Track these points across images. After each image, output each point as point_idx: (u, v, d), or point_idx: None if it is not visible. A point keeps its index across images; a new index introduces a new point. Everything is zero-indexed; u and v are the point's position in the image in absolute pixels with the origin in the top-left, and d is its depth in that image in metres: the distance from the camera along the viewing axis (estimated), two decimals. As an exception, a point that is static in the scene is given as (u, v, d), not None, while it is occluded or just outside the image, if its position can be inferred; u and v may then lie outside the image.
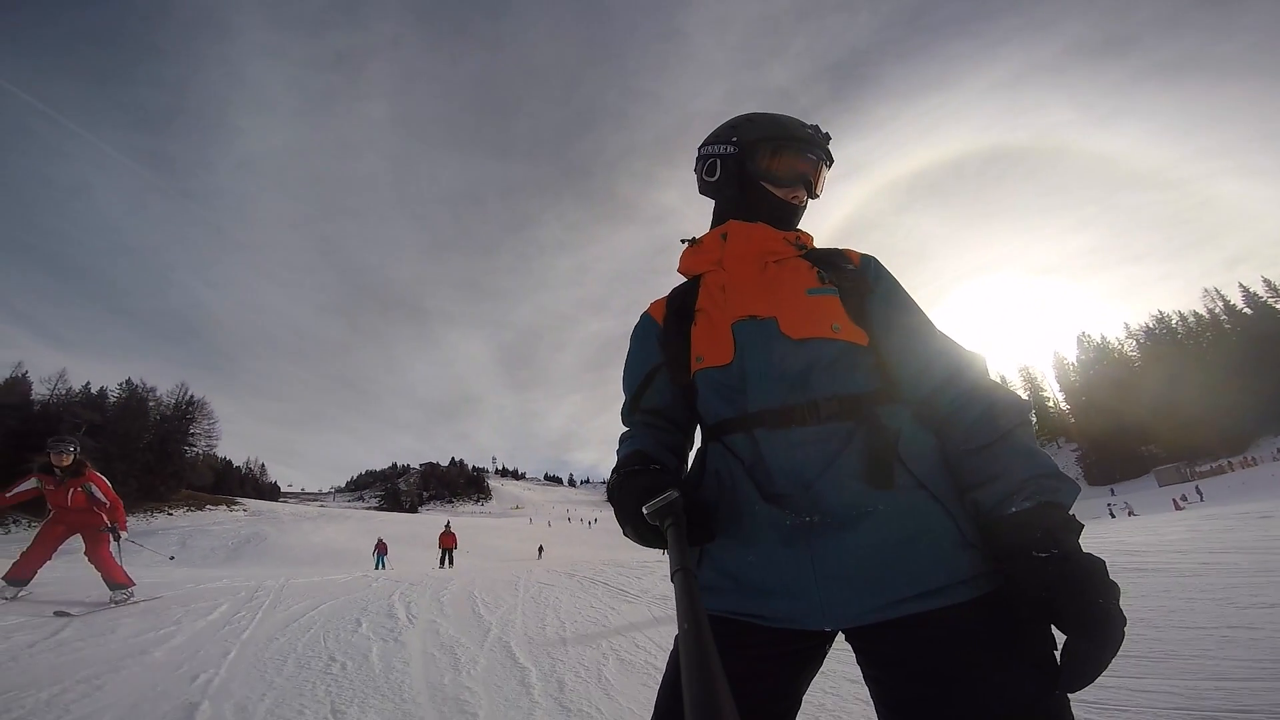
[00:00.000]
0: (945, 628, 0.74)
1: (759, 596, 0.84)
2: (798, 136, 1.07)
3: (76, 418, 56.23)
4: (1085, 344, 78.94)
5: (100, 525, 5.11)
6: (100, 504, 5.15)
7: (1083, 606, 0.67)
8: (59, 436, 5.23)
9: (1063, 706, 0.71)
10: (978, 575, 0.77)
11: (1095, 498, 52.57)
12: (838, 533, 0.80)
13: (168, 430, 67.83)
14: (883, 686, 0.79)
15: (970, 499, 0.82)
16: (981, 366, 0.91)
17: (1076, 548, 0.72)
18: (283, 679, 2.72)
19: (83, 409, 61.15)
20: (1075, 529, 0.73)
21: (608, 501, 0.92)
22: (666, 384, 1.07)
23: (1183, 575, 4.18)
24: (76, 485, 5.06)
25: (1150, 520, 11.06)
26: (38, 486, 5.11)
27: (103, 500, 5.17)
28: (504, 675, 2.88)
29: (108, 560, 4.97)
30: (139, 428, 63.04)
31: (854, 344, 0.92)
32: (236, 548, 36.81)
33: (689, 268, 1.11)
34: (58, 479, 5.04)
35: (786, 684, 0.85)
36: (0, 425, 53.90)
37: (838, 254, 1.03)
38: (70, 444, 5.19)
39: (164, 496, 57.40)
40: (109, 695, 2.38)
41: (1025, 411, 0.84)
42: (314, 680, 2.71)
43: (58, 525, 5.07)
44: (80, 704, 2.26)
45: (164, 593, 5.16)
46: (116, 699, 2.34)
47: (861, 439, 0.85)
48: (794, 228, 1.09)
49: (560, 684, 2.74)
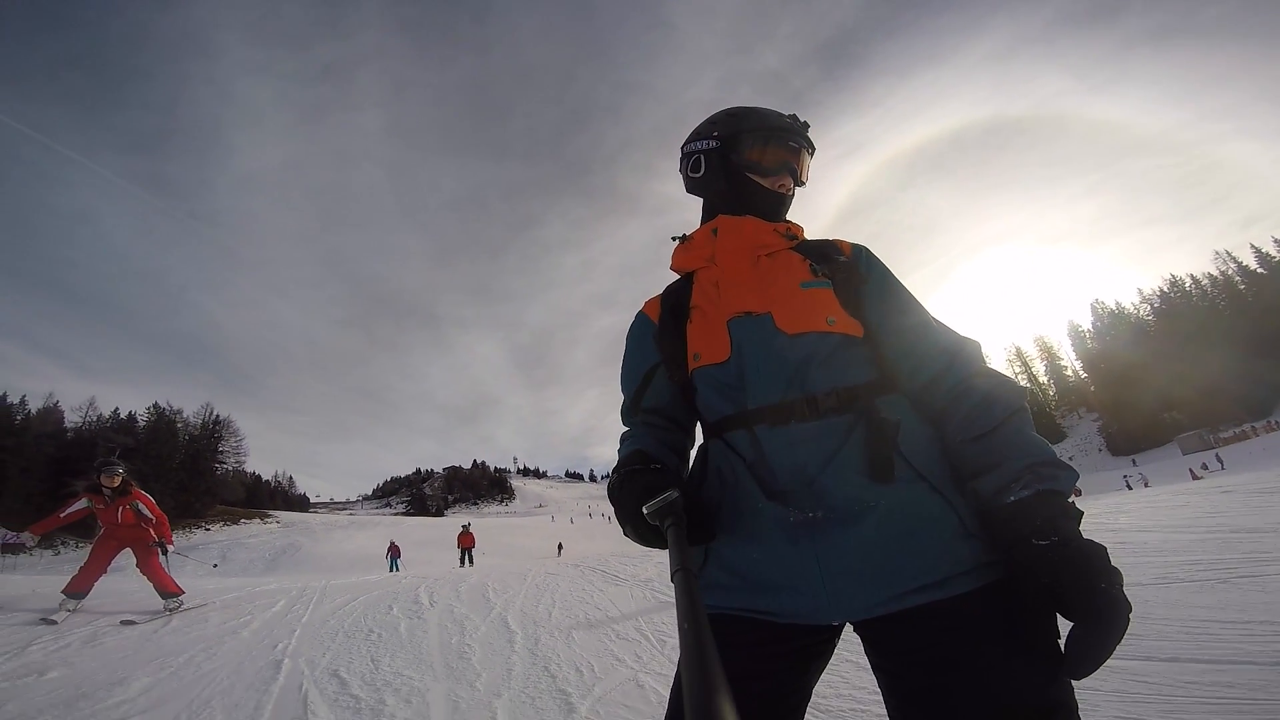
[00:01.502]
0: (950, 618, 0.75)
1: (767, 593, 0.84)
2: (778, 126, 1.09)
3: (110, 442, 58.30)
4: (1100, 311, 77.61)
5: (149, 540, 5.41)
6: (147, 520, 5.45)
7: (1085, 593, 0.68)
8: (106, 460, 5.56)
9: (1067, 693, 0.71)
10: (981, 565, 0.78)
11: (1116, 469, 51.95)
12: (841, 528, 0.81)
13: (197, 449, 70.72)
14: (891, 677, 0.80)
15: (970, 488, 0.83)
16: (977, 354, 0.91)
17: (1076, 534, 0.72)
18: (336, 644, 3.74)
19: (115, 433, 63.91)
20: (1074, 515, 0.74)
21: (609, 501, 0.93)
22: (665, 383, 1.07)
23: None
24: (125, 504, 5.37)
25: (1145, 494, 11.52)
26: (88, 506, 5.40)
27: (149, 516, 5.48)
28: (497, 637, 3.88)
29: (159, 572, 5.31)
30: (170, 449, 65.79)
31: (850, 336, 0.93)
32: (273, 558, 38.58)
33: (681, 265, 1.13)
34: (107, 499, 5.33)
35: (797, 678, 0.86)
36: (39, 453, 57.08)
37: (829, 245, 1.04)
38: (118, 466, 5.50)
39: (199, 513, 60.05)
40: (221, 658, 3.42)
41: (1022, 398, 0.85)
42: (358, 644, 3.73)
43: (110, 541, 5.36)
44: (206, 663, 3.31)
45: (214, 599, 5.67)
46: (227, 660, 3.38)
47: (861, 433, 0.85)
48: (783, 217, 1.11)
49: (536, 641, 3.74)
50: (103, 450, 53.19)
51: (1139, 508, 7.95)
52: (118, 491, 5.38)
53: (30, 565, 26.65)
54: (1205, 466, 34.39)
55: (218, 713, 2.57)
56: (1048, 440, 0.89)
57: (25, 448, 56.72)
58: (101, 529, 5.39)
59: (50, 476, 54.45)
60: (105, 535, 5.36)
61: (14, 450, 55.30)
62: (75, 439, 63.23)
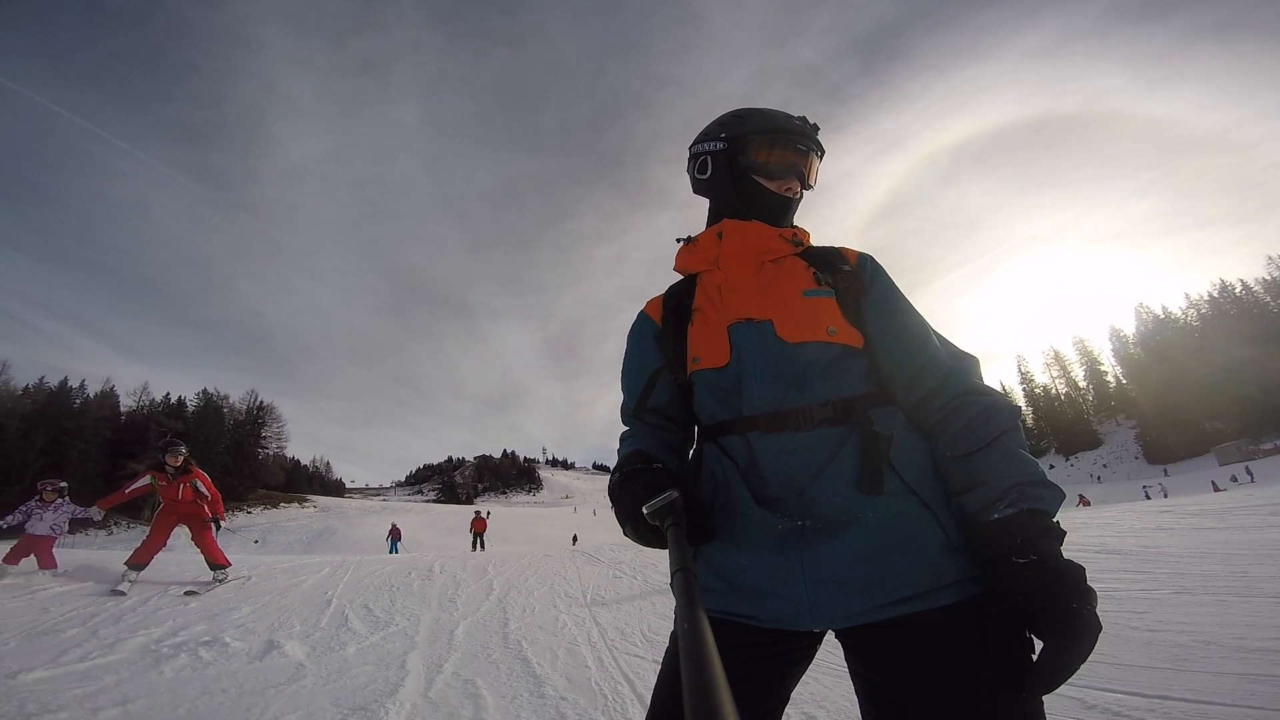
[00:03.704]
0: (930, 630, 0.77)
1: (751, 598, 0.86)
2: (786, 129, 1.08)
3: (162, 426, 61.97)
4: (1143, 315, 74.99)
5: (204, 516, 5.76)
6: (203, 497, 5.80)
7: (1056, 612, 0.69)
8: (171, 440, 5.95)
9: (1036, 710, 0.72)
10: (963, 580, 0.79)
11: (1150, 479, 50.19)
12: (828, 537, 0.82)
13: (242, 434, 73.86)
14: (868, 684, 0.82)
15: (955, 504, 0.84)
16: (974, 370, 0.92)
17: (1056, 554, 0.74)
18: (367, 592, 5.30)
19: (166, 418, 67.33)
20: (1057, 535, 0.75)
21: (610, 501, 0.93)
22: (667, 384, 1.09)
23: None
24: (186, 481, 5.70)
25: (1120, 510, 11.67)
26: (151, 483, 5.72)
27: (206, 494, 5.83)
28: (479, 592, 5.38)
29: (211, 545, 5.64)
30: (216, 433, 68.79)
31: (849, 347, 0.94)
32: (310, 541, 40.83)
33: (685, 267, 1.13)
34: (170, 476, 5.65)
35: (776, 682, 0.89)
36: (97, 436, 60.47)
37: (834, 253, 1.04)
38: (181, 446, 5.87)
39: (242, 496, 62.36)
40: (291, 597, 4.99)
41: (1015, 417, 0.85)
42: (383, 592, 5.29)
43: (169, 516, 5.64)
44: (282, 600, 4.89)
45: (259, 569, 6.34)
46: (295, 599, 4.95)
47: (854, 444, 0.86)
48: (790, 222, 1.11)
49: (506, 594, 5.23)
50: (155, 434, 56.66)
51: (1099, 523, 7.82)
52: (180, 469, 5.73)
53: (88, 542, 29.66)
54: (1234, 479, 33.63)
55: (295, 622, 4.12)
56: (1091, 446, 1.21)
57: (84, 431, 59.85)
58: (161, 504, 5.72)
59: (106, 458, 58.31)
60: (165, 510, 5.67)
61: (74, 433, 58.72)
62: (129, 423, 66.76)
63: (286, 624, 4.06)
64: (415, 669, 3.11)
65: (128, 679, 2.87)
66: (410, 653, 3.41)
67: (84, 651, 3.25)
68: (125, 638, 3.54)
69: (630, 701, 2.62)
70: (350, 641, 3.66)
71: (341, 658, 3.32)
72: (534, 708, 2.58)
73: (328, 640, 3.69)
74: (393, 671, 3.06)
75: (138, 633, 3.66)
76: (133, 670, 3.00)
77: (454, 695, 2.74)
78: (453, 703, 2.63)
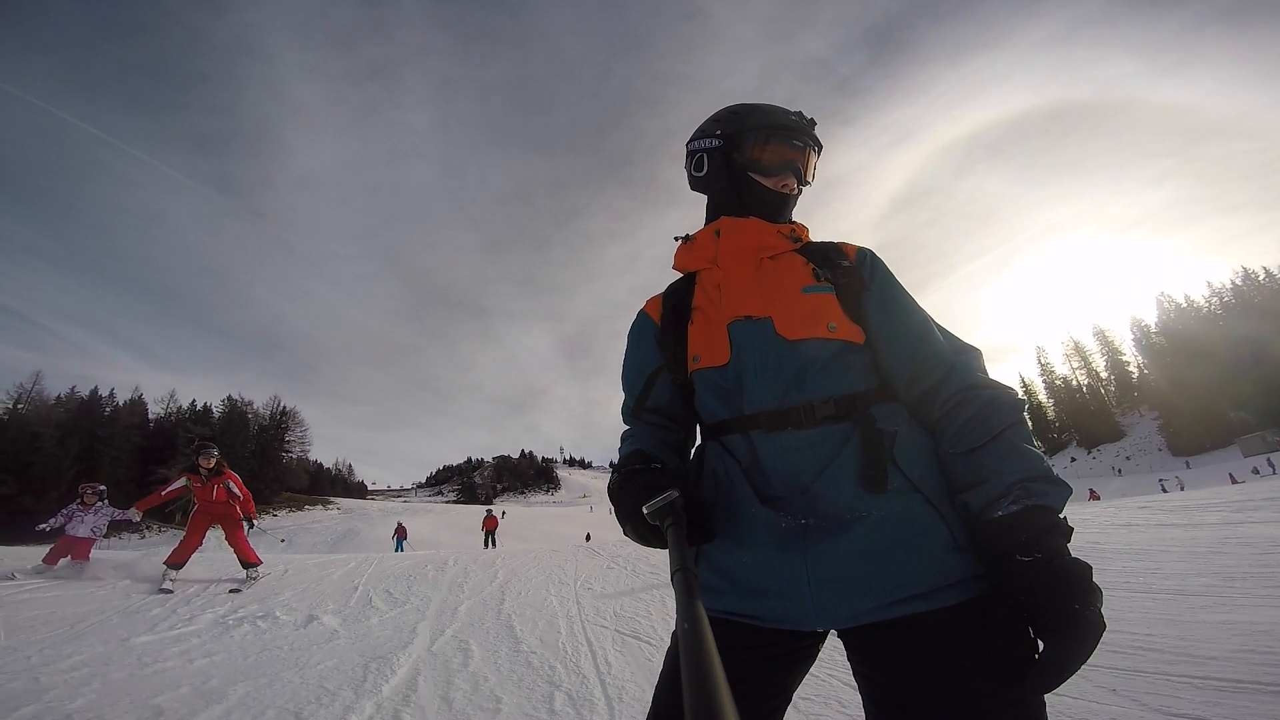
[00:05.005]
0: (934, 629, 0.76)
1: (754, 597, 0.86)
2: (782, 124, 1.07)
3: (189, 433, 63.36)
4: (1165, 304, 73.43)
5: (237, 516, 5.98)
6: (235, 497, 6.01)
7: (1058, 612, 0.68)
8: (203, 443, 6.18)
9: (1038, 712, 0.72)
10: (968, 579, 0.79)
11: (1173, 470, 49.51)
12: (832, 536, 0.82)
13: (267, 439, 75.49)
14: (871, 684, 0.82)
15: (960, 501, 0.83)
16: (977, 363, 0.91)
17: (1061, 551, 0.73)
18: (388, 580, 6.20)
19: (193, 424, 69.00)
20: (1063, 532, 0.74)
21: (610, 501, 0.93)
22: (668, 383, 1.09)
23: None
24: (219, 483, 5.90)
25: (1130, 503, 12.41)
26: (186, 485, 5.90)
27: (238, 494, 6.04)
28: (485, 580, 6.24)
29: (243, 544, 5.86)
30: (242, 438, 70.34)
31: (850, 343, 0.93)
32: (335, 542, 42.04)
33: (684, 265, 1.13)
34: (203, 478, 5.83)
35: (779, 682, 0.88)
36: (127, 442, 62.59)
37: (833, 248, 1.03)
38: (214, 448, 6.10)
39: (267, 499, 63.78)
40: (324, 584, 5.92)
41: (1019, 411, 0.84)
42: (402, 580, 6.17)
43: (204, 517, 5.83)
44: (316, 587, 5.81)
45: (294, 565, 6.93)
46: (327, 585, 5.87)
47: (857, 442, 0.86)
48: (787, 218, 1.10)
49: (507, 582, 6.06)
50: (183, 440, 58.28)
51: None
52: (213, 471, 5.94)
53: (122, 545, 30.98)
54: (1255, 471, 33.36)
55: (329, 602, 5.03)
56: (1113, 438, 1.16)
57: (115, 438, 62.17)
58: (196, 506, 5.91)
59: (137, 464, 60.27)
60: (200, 511, 5.87)
61: (106, 440, 61.06)
62: (157, 429, 68.75)
63: (322, 603, 4.96)
64: (423, 634, 3.96)
65: (208, 640, 3.78)
66: (420, 622, 4.28)
67: (170, 624, 4.18)
68: (198, 614, 4.47)
69: (585, 657, 3.43)
70: (373, 615, 4.54)
71: (366, 626, 4.20)
72: (509, 658, 3.41)
73: (355, 614, 4.59)
74: (405, 634, 3.92)
75: (206, 611, 4.59)
76: (210, 635, 3.91)
77: (451, 650, 3.59)
78: (449, 654, 3.48)
